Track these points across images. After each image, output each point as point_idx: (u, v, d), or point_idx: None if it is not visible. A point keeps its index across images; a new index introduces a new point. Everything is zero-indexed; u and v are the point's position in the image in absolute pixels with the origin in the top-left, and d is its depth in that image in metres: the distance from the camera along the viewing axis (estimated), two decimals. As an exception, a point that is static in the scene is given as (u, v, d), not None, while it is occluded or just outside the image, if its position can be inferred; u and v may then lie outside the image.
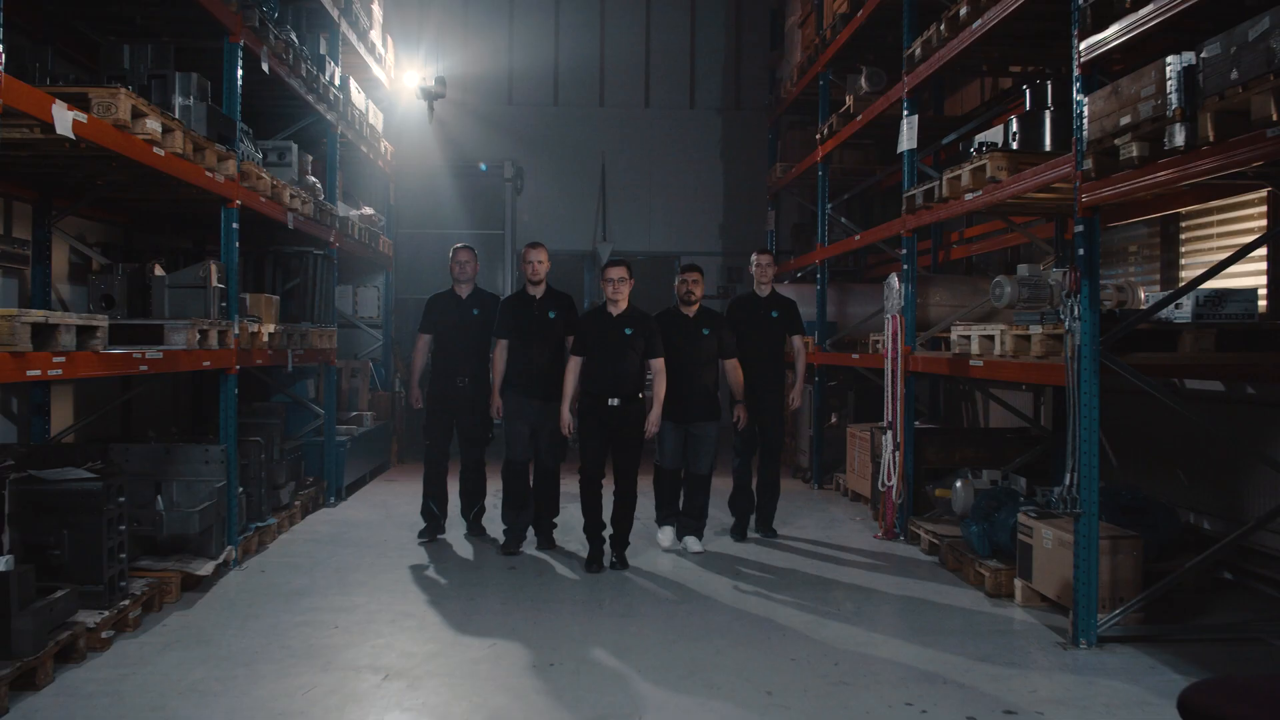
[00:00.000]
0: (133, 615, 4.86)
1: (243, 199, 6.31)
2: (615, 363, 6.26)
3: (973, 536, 6.14)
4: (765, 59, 14.00)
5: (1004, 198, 5.78)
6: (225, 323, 5.95)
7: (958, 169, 6.27)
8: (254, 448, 6.93)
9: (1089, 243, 4.79)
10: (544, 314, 6.76)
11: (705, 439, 6.79)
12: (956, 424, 10.62)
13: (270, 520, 7.04)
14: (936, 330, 7.50)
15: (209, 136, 5.67)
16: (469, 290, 7.29)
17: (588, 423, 6.34)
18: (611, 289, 6.31)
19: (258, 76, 7.12)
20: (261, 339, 6.68)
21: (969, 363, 6.14)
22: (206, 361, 5.69)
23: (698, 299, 6.81)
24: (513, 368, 6.81)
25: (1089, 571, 4.78)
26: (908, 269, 7.50)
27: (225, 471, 6.04)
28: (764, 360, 7.27)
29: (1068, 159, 4.93)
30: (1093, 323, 4.74)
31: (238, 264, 7.81)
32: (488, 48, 14.04)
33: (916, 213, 7.25)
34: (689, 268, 6.93)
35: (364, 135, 10.00)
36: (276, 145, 7.63)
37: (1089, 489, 4.77)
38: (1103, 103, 4.45)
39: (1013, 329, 5.60)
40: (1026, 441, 7.95)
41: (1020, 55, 7.29)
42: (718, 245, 14.54)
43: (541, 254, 6.82)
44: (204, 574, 5.60)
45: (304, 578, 6.07)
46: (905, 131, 7.51)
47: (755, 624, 5.23)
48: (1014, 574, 5.74)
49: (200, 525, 5.59)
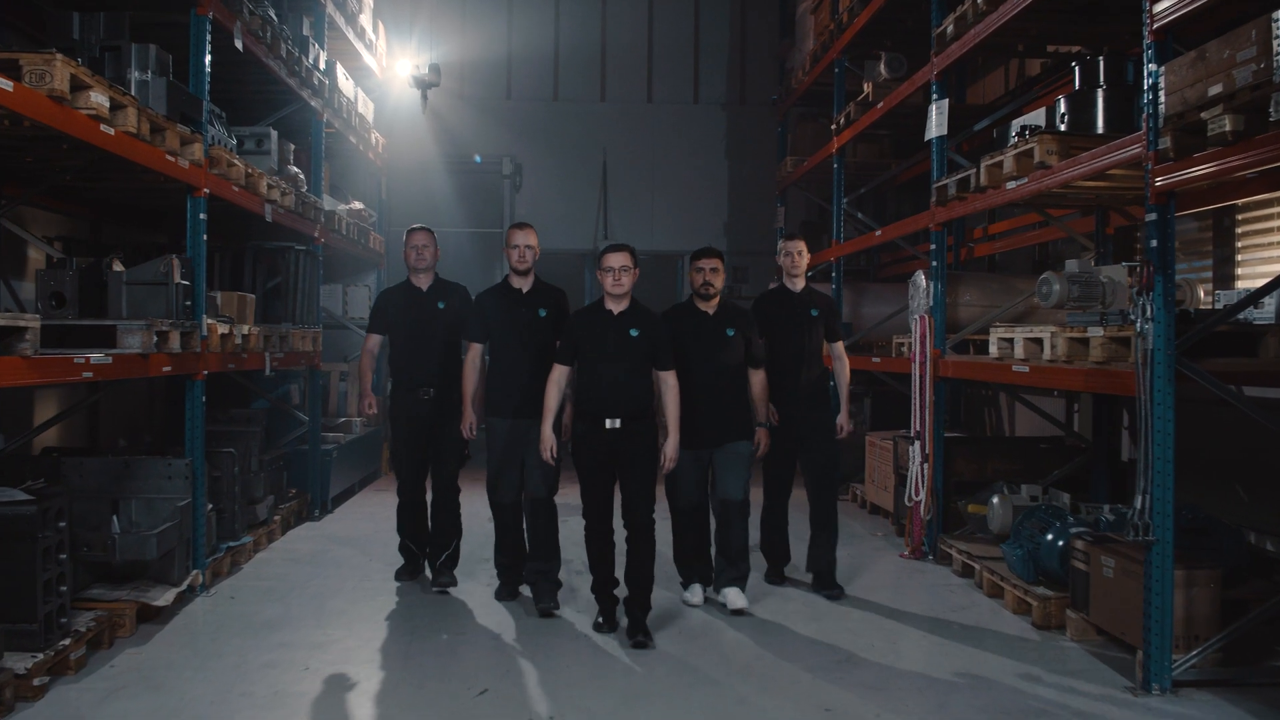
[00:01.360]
0: (75, 656, 4.27)
1: (212, 187, 5.73)
2: (615, 373, 4.92)
3: (1016, 560, 5.56)
4: (773, 51, 13.50)
5: (1054, 185, 5.20)
6: (190, 323, 5.37)
7: (999, 154, 5.69)
8: (227, 460, 6.36)
9: (1163, 233, 4.22)
10: (532, 312, 5.47)
11: (734, 457, 5.41)
12: (978, 431, 10.05)
13: (245, 539, 6.46)
14: (968, 332, 6.91)
15: (170, 116, 5.09)
16: (430, 281, 6.03)
17: (583, 455, 5.00)
18: (612, 280, 4.97)
19: (233, 57, 6.56)
20: (234, 341, 6.10)
21: (1011, 368, 5.57)
22: (167, 367, 5.10)
23: (718, 291, 5.46)
24: (492, 381, 5.52)
25: (1163, 608, 4.20)
26: (937, 266, 6.92)
27: (190, 488, 5.46)
28: (804, 369, 5.91)
29: (1135, 139, 4.36)
30: (1168, 324, 4.16)
31: (210, 260, 7.35)
32: (485, 39, 13.50)
33: (948, 205, 6.67)
34: (705, 252, 5.49)
35: (353, 125, 9.43)
36: (254, 132, 7.06)
37: (1163, 514, 4.19)
38: (1185, 72, 3.87)
39: (1065, 331, 5.02)
40: (1063, 452, 7.38)
41: (1062, 32, 6.71)
42: (722, 244, 14.03)
43: (530, 236, 5.53)
44: (162, 604, 5.02)
45: (277, 606, 5.48)
46: (934, 117, 6.93)
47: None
48: (1066, 603, 5.17)
49: (159, 549, 5.01)
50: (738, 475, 5.45)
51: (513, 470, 5.46)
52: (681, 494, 5.44)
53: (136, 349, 4.72)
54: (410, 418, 5.87)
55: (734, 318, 5.50)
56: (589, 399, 4.97)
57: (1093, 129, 5.45)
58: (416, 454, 5.94)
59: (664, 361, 5.04)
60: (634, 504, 5.00)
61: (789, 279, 6.07)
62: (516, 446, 5.42)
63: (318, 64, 8.03)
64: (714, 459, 5.45)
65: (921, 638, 5.12)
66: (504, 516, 5.60)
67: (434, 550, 5.95)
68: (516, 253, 5.50)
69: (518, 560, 5.65)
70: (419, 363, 5.85)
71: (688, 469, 5.34)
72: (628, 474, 4.98)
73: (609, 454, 4.95)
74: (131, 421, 8.58)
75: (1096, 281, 5.43)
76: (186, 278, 5.39)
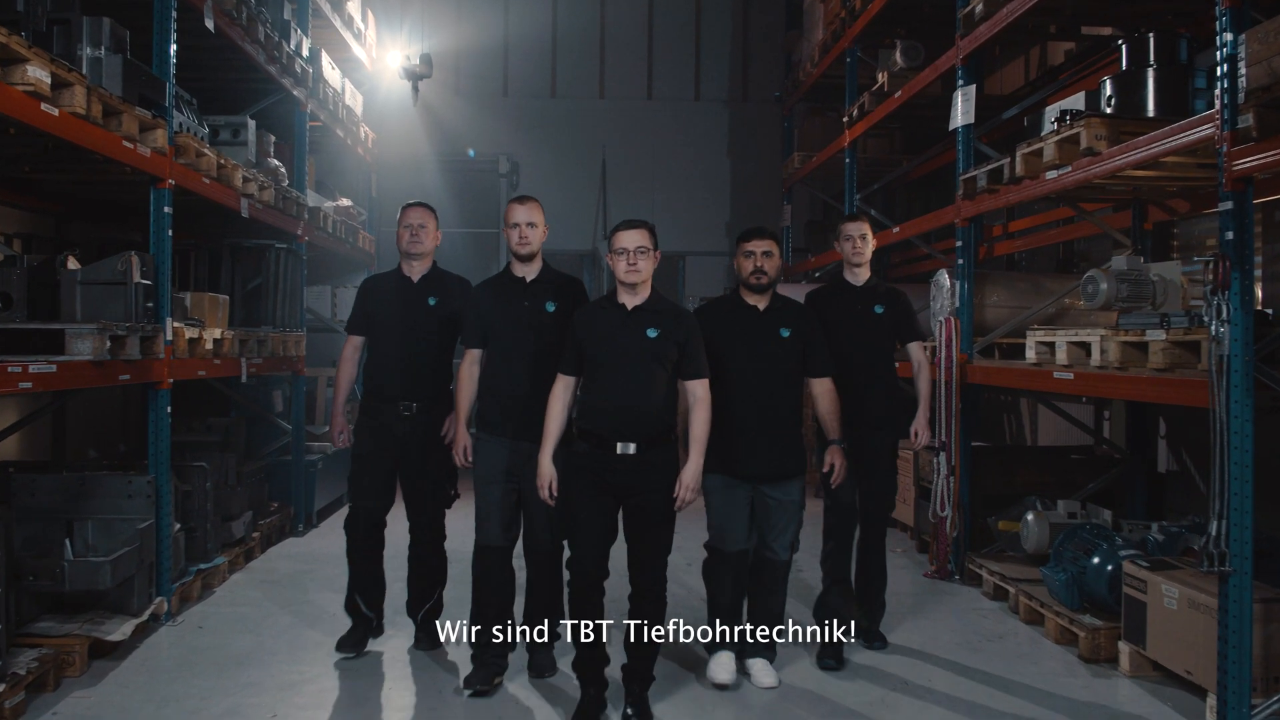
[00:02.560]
0: (10, 703, 3.78)
1: (178, 178, 5.24)
2: (629, 384, 3.87)
3: (1059, 586, 5.08)
4: (777, 45, 13.14)
5: (1102, 174, 4.73)
6: (152, 326, 4.88)
7: (1037, 141, 5.22)
8: (199, 474, 5.88)
9: (1240, 224, 3.74)
10: (538, 306, 4.33)
11: (785, 506, 4.31)
12: (997, 439, 9.58)
13: (218, 560, 5.97)
14: (998, 335, 6.44)
15: (127, 98, 4.61)
16: (425, 269, 4.88)
17: (580, 485, 3.90)
18: (626, 264, 3.88)
19: (206, 41, 6.09)
20: (205, 346, 5.61)
21: (1053, 375, 5.09)
22: (125, 375, 4.61)
23: (772, 281, 4.35)
24: (486, 392, 4.37)
25: (1240, 647, 3.72)
26: (963, 264, 6.44)
27: (154, 507, 4.97)
28: (869, 379, 4.82)
29: (1206, 118, 3.89)
30: (1246, 326, 3.69)
31: (186, 259, 6.90)
32: (481, 32, 13.08)
33: (976, 198, 6.20)
34: (755, 232, 4.37)
35: (339, 118, 8.94)
36: (230, 121, 6.57)
37: (1241, 541, 3.71)
38: (1274, 39, 3.40)
39: (1118, 334, 4.55)
40: (1095, 463, 6.91)
41: (1099, 11, 6.26)
42: (725, 245, 13.73)
43: (533, 211, 4.35)
44: (118, 639, 4.52)
45: (249, 637, 4.99)
46: (960, 104, 6.46)
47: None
48: (1117, 634, 4.70)
49: (114, 577, 4.51)
50: (786, 527, 4.34)
51: (506, 507, 4.31)
52: (720, 529, 4.33)
53: (87, 355, 4.23)
54: (382, 437, 4.71)
55: (791, 315, 4.39)
56: (595, 415, 3.89)
57: (1142, 112, 4.99)
58: (384, 472, 4.74)
59: (693, 368, 3.97)
60: (646, 556, 3.93)
61: (849, 270, 5.02)
62: (513, 477, 4.27)
63: (300, 51, 7.55)
64: (756, 503, 4.33)
65: (959, 671, 4.63)
66: (489, 566, 4.35)
67: (412, 601, 4.88)
68: (517, 233, 4.32)
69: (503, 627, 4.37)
70: (400, 369, 4.71)
71: (722, 498, 4.29)
72: (640, 517, 3.91)
73: (617, 487, 3.89)
74: (104, 430, 8.10)
75: (1147, 280, 4.98)
76: (148, 276, 4.90)
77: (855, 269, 5.01)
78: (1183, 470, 6.80)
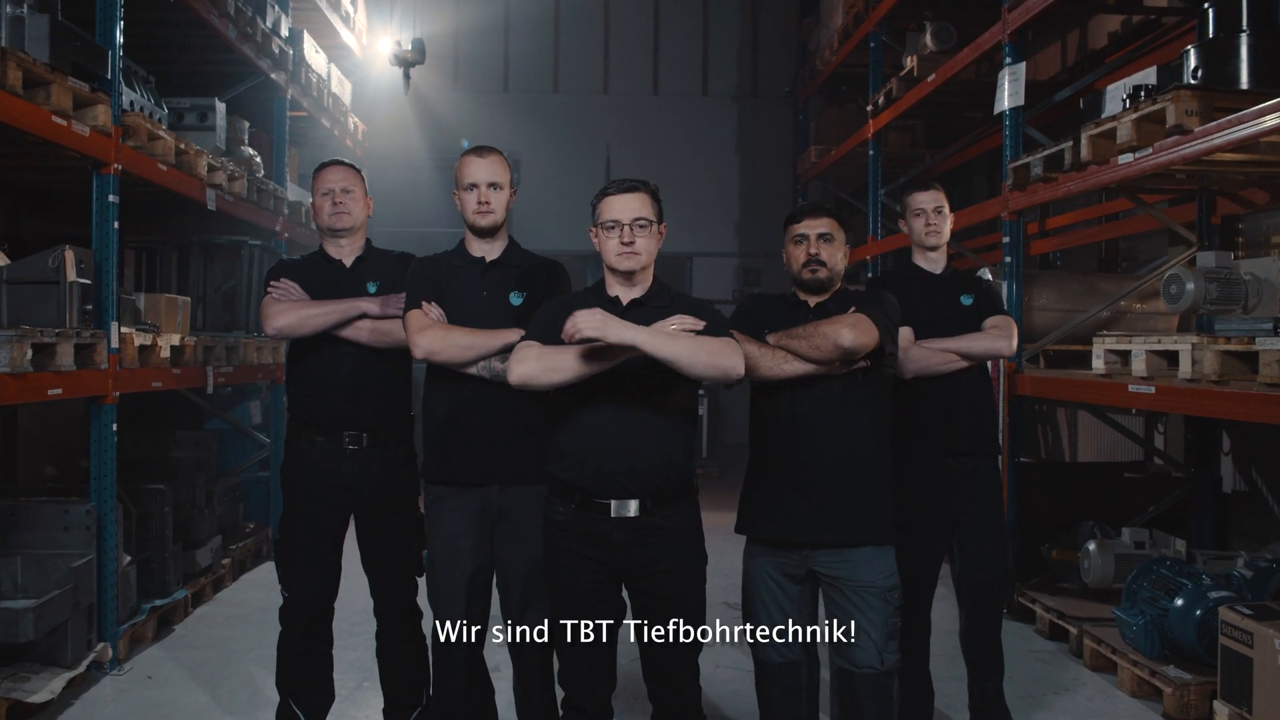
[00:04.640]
0: (-105, 791, 3.14)
1: (126, 163, 4.59)
2: (627, 414, 2.74)
3: (1137, 631, 4.41)
4: (789, 37, 12.73)
5: (1189, 156, 4.07)
6: (92, 332, 4.23)
7: (1107, 122, 4.57)
8: (156, 497, 5.23)
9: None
10: (499, 296, 3.16)
11: (868, 589, 2.94)
12: (1033, 453, 8.92)
13: (178, 594, 5.31)
14: (1048, 342, 5.77)
15: (57, 66, 3.96)
16: (357, 250, 3.56)
17: (565, 563, 2.81)
18: (617, 244, 2.77)
19: (169, 15, 5.49)
20: (160, 354, 4.96)
21: (1128, 388, 4.43)
22: (55, 389, 3.96)
23: (832, 274, 3.06)
24: (431, 422, 3.20)
25: (1391, 722, 3.07)
26: (1011, 262, 5.78)
27: (94, 540, 4.33)
28: (956, 390, 3.65)
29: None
30: (1397, 333, 3.03)
31: (152, 257, 6.29)
32: (481, 26, 12.54)
33: (1028, 188, 5.54)
34: (810, 210, 3.09)
35: (325, 106, 8.30)
36: (196, 104, 5.93)
37: (1392, 593, 3.06)
38: None
39: (1216, 341, 3.89)
40: (1153, 483, 6.26)
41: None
42: (733, 245, 13.30)
43: (495, 168, 3.20)
44: (44, 700, 3.86)
45: (204, 690, 4.33)
46: (1008, 85, 5.80)
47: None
48: (1210, 690, 4.04)
49: (38, 627, 3.86)
50: (872, 619, 2.93)
51: (474, 582, 3.13)
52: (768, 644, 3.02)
53: (3, 367, 3.58)
54: (321, 483, 3.41)
55: None
56: (578, 462, 2.76)
57: (1234, 84, 4.32)
58: (328, 552, 3.46)
59: None
60: (668, 667, 2.81)
61: (921, 254, 3.80)
62: (482, 536, 3.13)
63: (279, 30, 6.90)
64: (823, 581, 3.01)
65: None
66: (450, 666, 3.15)
67: (392, 709, 3.57)
68: (474, 196, 3.16)
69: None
70: (340, 385, 3.41)
71: (767, 577, 3.01)
72: (653, 609, 2.79)
73: (615, 566, 2.79)
74: (66, 444, 7.44)
75: (1239, 279, 4.32)
76: (87, 275, 4.25)
77: (929, 253, 3.77)
78: (1252, 490, 6.15)
